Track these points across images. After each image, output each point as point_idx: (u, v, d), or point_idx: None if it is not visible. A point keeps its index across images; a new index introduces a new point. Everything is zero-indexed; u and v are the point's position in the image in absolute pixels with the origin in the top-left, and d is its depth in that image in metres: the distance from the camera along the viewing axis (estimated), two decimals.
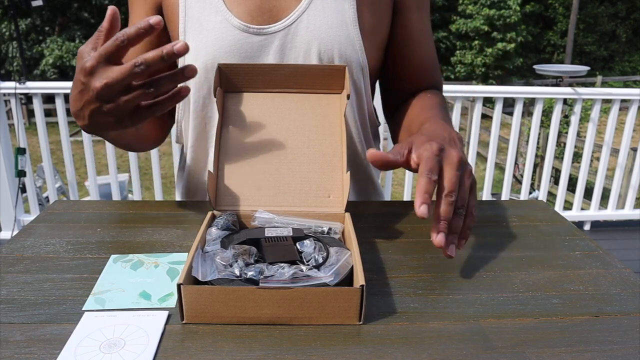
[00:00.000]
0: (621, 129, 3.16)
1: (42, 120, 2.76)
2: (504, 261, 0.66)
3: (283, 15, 0.80)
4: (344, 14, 0.80)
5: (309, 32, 0.79)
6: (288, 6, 0.80)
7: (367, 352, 0.48)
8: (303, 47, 0.80)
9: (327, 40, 0.79)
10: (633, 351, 0.49)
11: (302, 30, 0.79)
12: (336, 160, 0.72)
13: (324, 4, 0.80)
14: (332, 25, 0.79)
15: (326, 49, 0.79)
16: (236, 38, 0.79)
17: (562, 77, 5.31)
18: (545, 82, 13.37)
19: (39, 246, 0.68)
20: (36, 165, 5.29)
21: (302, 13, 0.79)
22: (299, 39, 0.80)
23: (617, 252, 3.02)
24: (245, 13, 0.80)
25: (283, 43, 0.80)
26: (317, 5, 0.80)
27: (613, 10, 18.92)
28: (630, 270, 0.64)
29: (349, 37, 0.80)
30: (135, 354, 0.47)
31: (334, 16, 0.80)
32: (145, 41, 0.85)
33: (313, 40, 0.79)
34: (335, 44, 0.79)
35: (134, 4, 0.88)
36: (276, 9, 0.80)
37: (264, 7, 0.80)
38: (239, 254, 0.56)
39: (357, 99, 0.86)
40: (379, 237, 0.71)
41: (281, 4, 0.80)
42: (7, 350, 0.47)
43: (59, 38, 15.10)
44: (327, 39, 0.79)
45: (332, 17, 0.80)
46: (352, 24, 0.80)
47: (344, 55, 0.80)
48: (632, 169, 3.26)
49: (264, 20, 0.80)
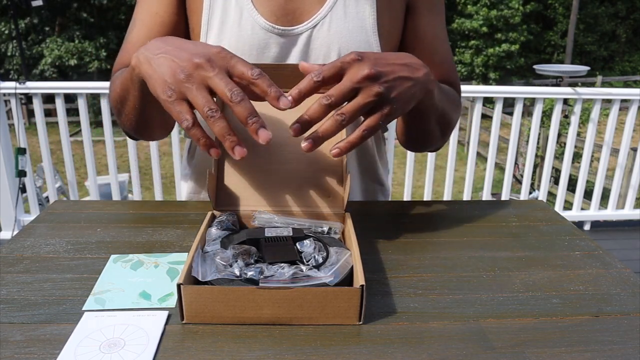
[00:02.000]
0: (621, 129, 3.16)
1: (42, 120, 2.76)
2: (504, 261, 0.66)
3: (305, 18, 0.80)
4: (365, 19, 0.81)
5: (330, 35, 0.80)
6: (311, 9, 0.80)
7: (367, 352, 0.48)
8: (323, 50, 0.80)
9: (346, 44, 0.80)
10: (633, 351, 0.49)
11: (323, 33, 0.80)
12: (336, 160, 0.72)
13: (346, 9, 0.80)
14: (352, 30, 0.80)
15: (345, 52, 0.79)
16: (261, 37, 0.80)
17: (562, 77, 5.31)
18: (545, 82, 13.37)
19: (39, 246, 0.68)
20: (36, 165, 5.30)
21: (324, 16, 0.80)
22: (320, 42, 0.80)
23: (617, 252, 3.02)
24: (270, 13, 0.80)
25: (306, 45, 0.80)
26: (339, 9, 0.80)
27: (613, 10, 18.92)
28: (630, 270, 0.64)
29: (368, 42, 0.81)
30: (135, 354, 0.47)
31: (355, 21, 0.80)
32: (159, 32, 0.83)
33: (333, 44, 0.80)
34: (354, 48, 0.80)
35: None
36: (299, 11, 0.80)
37: (287, 8, 0.80)
38: (239, 254, 0.56)
39: None
40: (379, 237, 0.71)
41: (304, 7, 0.80)
42: (7, 350, 0.47)
43: (59, 38, 15.10)
44: (348, 43, 0.80)
45: (353, 22, 0.80)
46: (372, 29, 0.81)
47: None
48: (632, 169, 3.26)
49: (287, 22, 0.80)
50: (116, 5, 15.85)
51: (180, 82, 0.55)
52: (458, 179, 3.11)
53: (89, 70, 15.07)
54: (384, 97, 0.59)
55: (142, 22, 0.84)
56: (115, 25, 16.06)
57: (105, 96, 2.82)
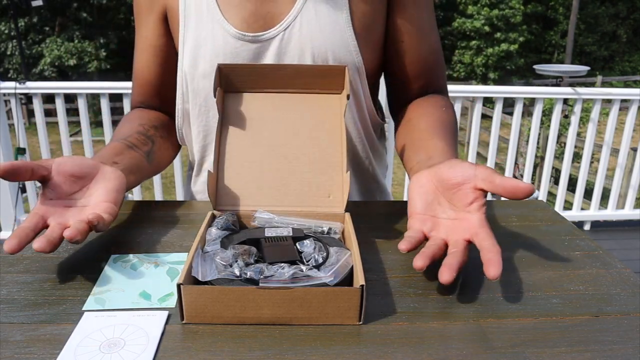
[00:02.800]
0: (621, 129, 3.16)
1: (42, 120, 2.76)
2: (504, 261, 0.65)
3: (277, 21, 0.80)
4: (337, 16, 0.80)
5: (302, 36, 0.79)
6: (282, 11, 0.80)
7: (367, 352, 0.48)
8: (297, 52, 0.80)
9: (320, 44, 0.79)
10: (633, 351, 0.49)
11: (295, 35, 0.79)
12: (336, 160, 0.72)
13: (317, 8, 0.79)
14: (325, 29, 0.79)
15: (320, 52, 0.79)
16: (233, 46, 0.80)
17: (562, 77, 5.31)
18: (545, 82, 13.37)
19: None
20: None
21: (294, 18, 0.79)
22: (293, 44, 0.80)
23: (617, 252, 3.02)
24: (241, 20, 0.80)
25: (278, 48, 0.80)
26: (309, 9, 0.79)
27: (614, 11, 18.91)
28: (630, 270, 0.64)
29: (342, 39, 0.80)
30: (135, 354, 0.47)
31: (326, 19, 0.79)
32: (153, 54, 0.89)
33: (306, 45, 0.79)
34: (329, 46, 0.79)
35: (141, 15, 0.89)
36: (270, 14, 0.80)
37: (258, 14, 0.80)
38: (239, 254, 0.56)
39: (355, 100, 0.85)
40: (379, 237, 0.71)
41: (275, 10, 0.80)
42: (7, 350, 0.47)
43: (58, 38, 15.10)
44: (321, 42, 0.79)
45: (325, 20, 0.79)
46: (346, 25, 0.80)
47: (338, 58, 0.80)
48: (632, 169, 3.26)
49: (259, 27, 0.80)
50: (116, 5, 15.85)
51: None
52: None
53: (88, 70, 15.07)
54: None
55: (138, 48, 0.91)
56: (115, 26, 16.06)
57: (105, 96, 2.82)
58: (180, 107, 0.88)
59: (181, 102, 0.87)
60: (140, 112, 0.92)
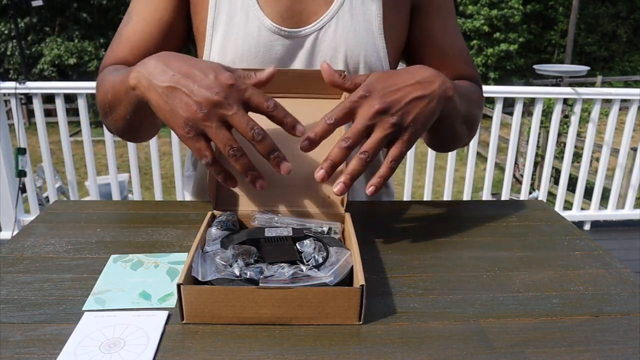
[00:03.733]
0: (621, 129, 3.16)
1: (42, 120, 2.76)
2: (504, 261, 0.66)
3: (312, 19, 0.80)
4: (371, 21, 0.80)
5: (337, 37, 0.79)
6: (317, 10, 0.79)
7: (367, 352, 0.48)
8: (330, 52, 0.80)
9: (353, 47, 0.80)
10: (633, 351, 0.49)
11: (330, 35, 0.79)
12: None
13: (353, 10, 0.80)
14: (359, 32, 0.80)
15: (352, 55, 0.80)
16: (267, 39, 0.79)
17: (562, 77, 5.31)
18: (545, 82, 13.37)
19: (39, 246, 0.68)
20: (36, 165, 5.30)
21: (331, 18, 0.79)
22: (327, 44, 0.80)
23: (617, 252, 3.02)
24: (276, 14, 0.79)
25: (312, 47, 0.80)
26: (345, 10, 0.79)
27: (614, 11, 18.92)
28: (630, 270, 0.64)
29: (374, 45, 0.80)
30: (135, 354, 0.47)
31: (361, 23, 0.80)
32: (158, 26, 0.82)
33: (340, 46, 0.80)
34: (362, 51, 0.80)
35: None
36: (306, 12, 0.79)
37: (294, 9, 0.79)
38: (239, 254, 0.56)
39: None
40: (379, 237, 0.71)
41: (311, 8, 0.79)
42: (7, 350, 0.47)
43: (58, 38, 15.11)
44: (354, 45, 0.80)
45: (360, 24, 0.80)
46: (378, 31, 0.81)
47: (368, 63, 0.80)
48: (632, 169, 3.26)
49: (293, 23, 0.79)
50: (116, 5, 15.85)
51: (199, 120, 0.56)
52: (458, 179, 3.11)
53: (88, 70, 15.07)
54: (401, 125, 0.61)
55: (138, 17, 0.83)
56: (115, 25, 16.02)
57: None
58: None
59: None
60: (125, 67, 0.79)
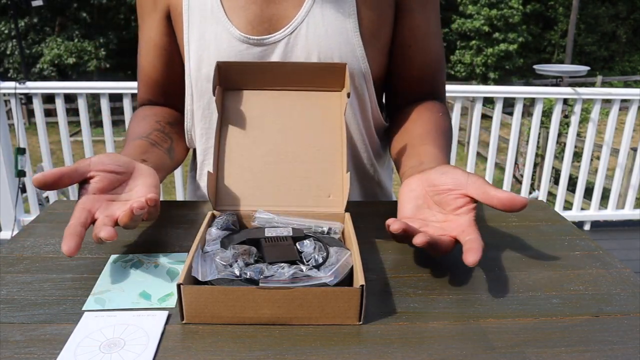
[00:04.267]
0: (621, 129, 3.16)
1: (42, 120, 2.76)
2: (504, 261, 0.66)
3: (283, 24, 0.79)
4: (344, 21, 0.78)
5: (309, 41, 0.78)
6: (287, 15, 0.79)
7: (367, 352, 0.48)
8: (302, 57, 0.79)
9: (326, 49, 0.78)
10: (633, 351, 0.49)
11: (301, 39, 0.79)
12: (336, 159, 0.72)
13: (324, 12, 0.78)
14: (331, 34, 0.78)
15: (326, 58, 0.79)
16: (237, 49, 0.79)
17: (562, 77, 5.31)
18: (545, 82, 13.37)
19: (39, 246, 0.68)
20: (36, 165, 5.29)
21: (301, 22, 0.78)
22: (299, 48, 0.79)
23: (617, 252, 3.02)
24: (245, 23, 0.79)
25: (283, 52, 0.79)
26: (316, 13, 0.78)
27: (614, 11, 18.91)
28: (630, 270, 0.64)
29: (349, 44, 0.79)
30: (135, 354, 0.47)
31: (333, 24, 0.78)
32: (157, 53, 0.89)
33: (312, 50, 0.79)
34: (335, 52, 0.78)
35: (144, 15, 0.89)
36: (276, 17, 0.79)
37: (263, 16, 0.79)
38: (239, 254, 0.56)
39: (359, 106, 0.85)
40: (379, 237, 0.71)
41: (280, 13, 0.79)
42: (7, 350, 0.47)
43: (58, 37, 15.10)
44: (327, 47, 0.78)
45: (332, 25, 0.78)
46: (353, 30, 0.79)
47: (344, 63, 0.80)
48: (632, 169, 3.26)
49: (264, 30, 0.79)
50: (116, 5, 15.84)
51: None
52: None
53: (87, 69, 15.06)
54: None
55: (142, 48, 0.91)
56: (115, 26, 16.06)
57: (105, 96, 2.82)
58: (189, 109, 0.87)
59: (190, 103, 0.87)
60: (152, 109, 0.92)
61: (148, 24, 0.88)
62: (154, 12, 0.87)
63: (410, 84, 0.89)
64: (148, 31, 0.89)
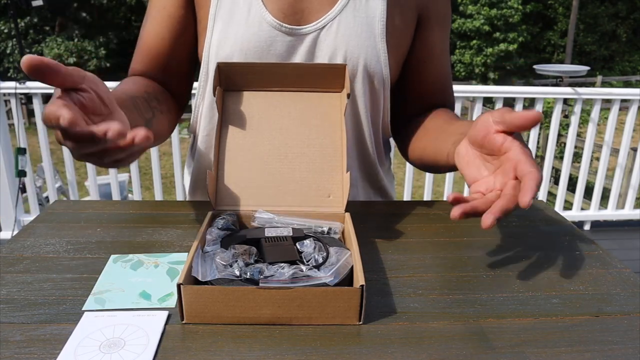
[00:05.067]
0: (621, 129, 3.16)
1: None
2: (504, 261, 0.66)
3: (314, 17, 0.79)
4: (374, 25, 0.80)
5: (338, 38, 0.79)
6: (320, 9, 0.79)
7: (367, 352, 0.48)
8: (329, 52, 0.80)
9: (353, 49, 0.79)
10: (633, 351, 0.49)
11: (331, 35, 0.79)
12: (336, 160, 0.72)
13: (356, 12, 0.79)
14: (360, 35, 0.79)
15: (352, 57, 0.79)
16: (268, 35, 0.79)
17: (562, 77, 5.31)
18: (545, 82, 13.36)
19: (39, 246, 0.68)
20: (36, 165, 5.30)
21: (333, 18, 0.79)
22: (327, 43, 0.80)
23: (617, 252, 3.02)
24: (278, 10, 0.79)
25: (312, 45, 0.80)
26: (348, 11, 0.79)
27: (613, 10, 18.90)
28: (630, 270, 0.64)
29: (375, 49, 0.80)
30: (135, 354, 0.47)
31: (363, 26, 0.79)
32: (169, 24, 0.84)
33: (340, 47, 0.79)
34: (362, 54, 0.79)
35: None
36: (308, 10, 0.79)
37: (297, 7, 0.79)
38: (239, 254, 0.56)
39: (373, 110, 0.86)
40: (379, 237, 0.71)
41: (314, 6, 0.79)
42: (7, 350, 0.47)
43: (58, 37, 15.11)
44: (354, 47, 0.79)
45: (362, 27, 0.79)
46: (380, 36, 0.80)
47: (368, 66, 0.80)
48: (632, 169, 3.26)
49: (295, 20, 0.79)
50: (116, 5, 15.85)
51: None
52: (458, 179, 3.11)
53: (87, 69, 15.04)
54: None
55: (152, 17, 0.86)
56: (115, 25, 16.07)
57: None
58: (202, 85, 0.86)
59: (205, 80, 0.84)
60: (144, 79, 0.86)
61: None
62: None
63: (423, 95, 0.91)
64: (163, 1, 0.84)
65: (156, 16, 0.86)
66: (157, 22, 0.85)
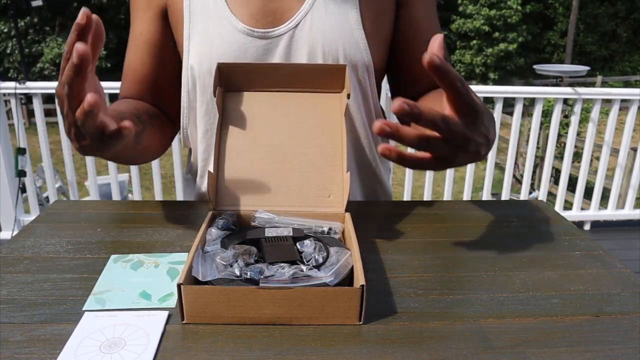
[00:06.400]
0: (621, 129, 3.16)
1: (42, 120, 2.76)
2: (504, 261, 0.66)
3: (286, 17, 0.79)
4: (347, 14, 0.80)
5: (313, 33, 0.79)
6: (291, 8, 0.79)
7: (367, 352, 0.48)
8: (307, 49, 0.79)
9: (331, 42, 0.79)
10: (633, 351, 0.49)
11: (305, 32, 0.79)
12: (336, 160, 0.72)
13: (327, 6, 0.79)
14: (335, 26, 0.79)
15: (330, 50, 0.79)
16: (241, 42, 0.79)
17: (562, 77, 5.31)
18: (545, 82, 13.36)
19: (39, 246, 0.68)
20: (36, 165, 5.30)
21: (305, 15, 0.79)
22: (303, 41, 0.79)
23: (617, 252, 3.02)
24: (248, 16, 0.79)
25: (288, 46, 0.80)
26: (319, 6, 0.79)
27: (613, 10, 18.90)
28: (630, 270, 0.64)
29: (353, 37, 0.80)
30: (136, 354, 0.47)
31: (337, 17, 0.79)
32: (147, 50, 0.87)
33: (317, 42, 0.79)
34: (340, 44, 0.79)
35: (137, 11, 0.87)
36: (279, 10, 0.79)
37: (267, 10, 0.79)
38: (239, 254, 0.56)
39: (363, 99, 0.85)
40: (379, 237, 0.71)
41: (284, 6, 0.79)
42: (7, 350, 0.47)
43: (59, 37, 15.10)
44: (331, 40, 0.79)
45: (336, 18, 0.79)
46: (356, 24, 0.80)
47: (348, 55, 0.80)
48: (632, 169, 3.26)
49: (267, 23, 0.79)
50: (116, 5, 15.84)
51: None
52: (458, 179, 3.10)
53: None
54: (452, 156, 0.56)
55: (132, 44, 0.89)
56: (115, 26, 16.05)
57: (104, 96, 2.81)
58: (185, 106, 0.87)
59: (187, 100, 0.86)
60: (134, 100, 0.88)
61: (141, 21, 0.87)
62: (148, 9, 0.86)
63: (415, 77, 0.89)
64: (140, 27, 0.87)
65: (136, 42, 0.88)
66: (137, 47, 0.88)
